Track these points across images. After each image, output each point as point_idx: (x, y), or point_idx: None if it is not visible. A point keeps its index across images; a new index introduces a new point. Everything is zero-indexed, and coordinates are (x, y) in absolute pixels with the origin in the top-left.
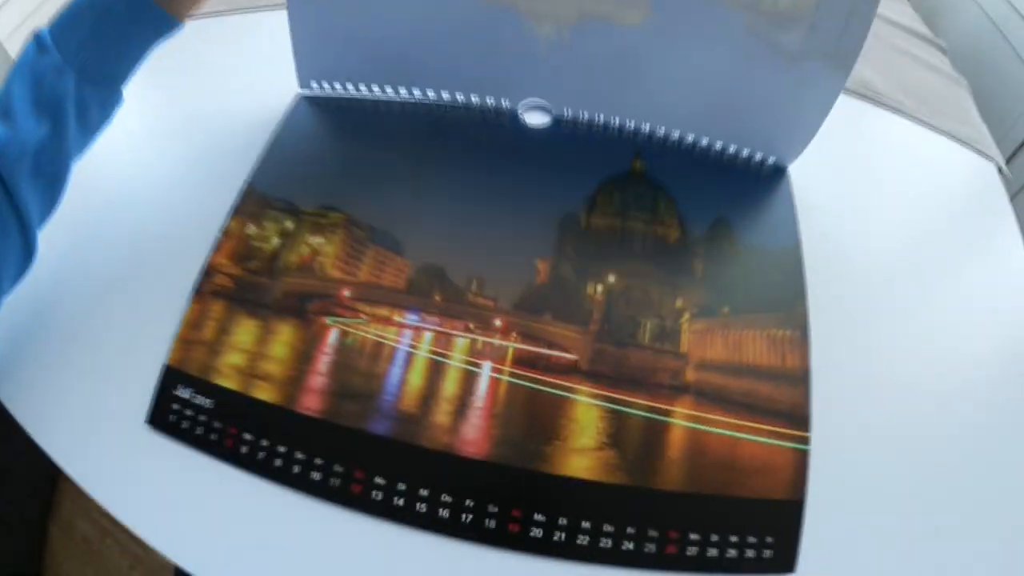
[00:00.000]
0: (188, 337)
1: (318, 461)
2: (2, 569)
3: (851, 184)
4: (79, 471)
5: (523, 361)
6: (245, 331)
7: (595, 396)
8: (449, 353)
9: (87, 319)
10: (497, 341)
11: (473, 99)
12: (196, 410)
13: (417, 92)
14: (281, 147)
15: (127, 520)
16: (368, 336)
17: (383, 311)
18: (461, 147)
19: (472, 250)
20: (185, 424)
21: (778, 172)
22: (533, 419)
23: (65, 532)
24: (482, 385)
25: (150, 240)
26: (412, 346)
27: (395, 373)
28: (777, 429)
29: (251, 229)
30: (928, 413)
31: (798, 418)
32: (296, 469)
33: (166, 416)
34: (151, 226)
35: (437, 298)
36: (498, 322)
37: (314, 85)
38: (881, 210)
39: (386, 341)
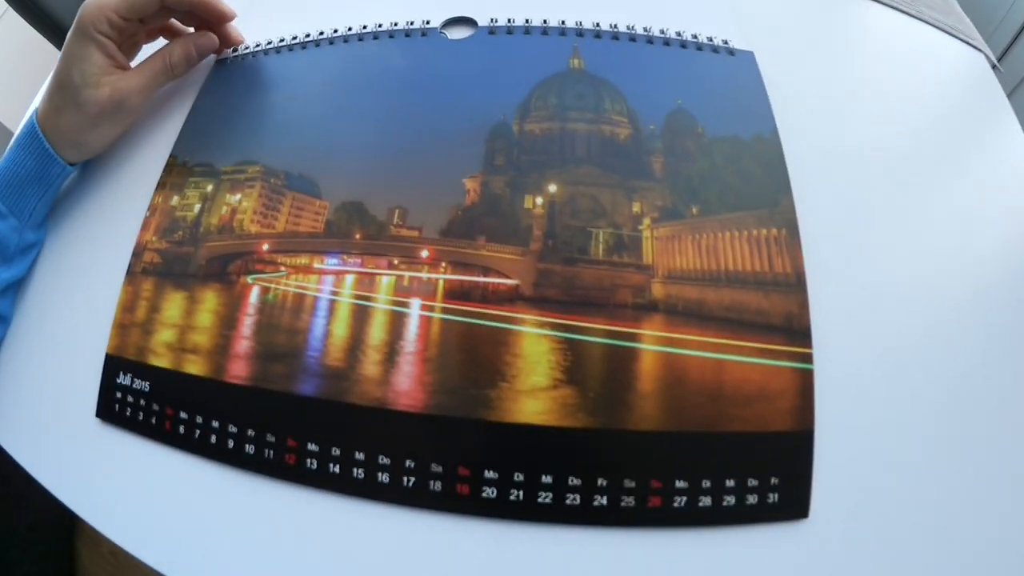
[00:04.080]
0: (123, 321)
1: (250, 432)
2: None
3: (827, 74)
4: (45, 476)
5: (456, 293)
6: (173, 304)
7: (543, 324)
8: (373, 295)
9: (31, 317)
10: (425, 274)
11: (387, 23)
12: (136, 395)
13: (329, 29)
14: (201, 112)
15: (89, 518)
16: (289, 289)
17: (302, 259)
18: (377, 75)
19: (392, 179)
20: (128, 412)
21: (742, 57)
22: (473, 359)
23: (92, 548)
24: (412, 326)
25: (81, 231)
26: (334, 293)
27: (318, 325)
28: (772, 347)
29: (174, 200)
30: (948, 320)
31: (797, 331)
32: (230, 444)
33: (112, 407)
34: (81, 216)
35: (357, 236)
36: (425, 253)
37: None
38: (863, 102)
39: (307, 291)
